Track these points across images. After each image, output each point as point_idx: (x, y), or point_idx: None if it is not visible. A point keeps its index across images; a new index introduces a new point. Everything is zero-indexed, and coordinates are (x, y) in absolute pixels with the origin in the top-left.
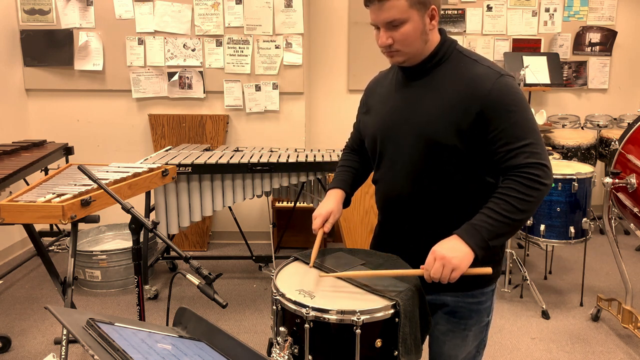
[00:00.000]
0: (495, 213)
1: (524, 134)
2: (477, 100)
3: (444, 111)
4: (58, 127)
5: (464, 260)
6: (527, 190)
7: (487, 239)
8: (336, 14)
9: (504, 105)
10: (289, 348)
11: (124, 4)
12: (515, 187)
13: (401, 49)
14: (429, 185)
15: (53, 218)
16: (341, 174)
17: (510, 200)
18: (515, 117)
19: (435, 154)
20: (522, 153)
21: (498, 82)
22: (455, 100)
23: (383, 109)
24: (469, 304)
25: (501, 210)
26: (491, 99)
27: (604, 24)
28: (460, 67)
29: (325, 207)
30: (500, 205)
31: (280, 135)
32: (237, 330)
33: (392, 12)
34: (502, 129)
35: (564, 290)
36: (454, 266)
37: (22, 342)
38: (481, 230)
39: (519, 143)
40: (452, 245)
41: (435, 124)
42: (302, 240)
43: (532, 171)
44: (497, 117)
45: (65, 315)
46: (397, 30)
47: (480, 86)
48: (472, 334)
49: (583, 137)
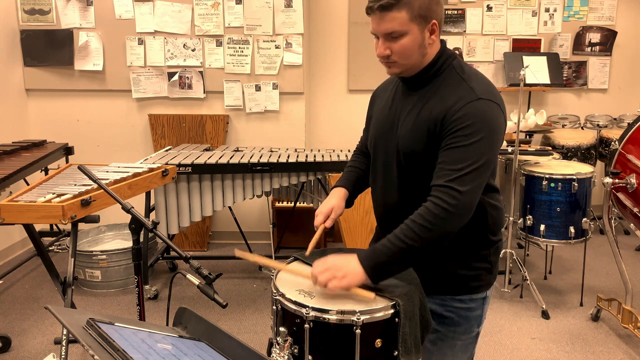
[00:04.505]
0: (397, 239)
1: (464, 159)
2: (446, 115)
3: (423, 123)
4: (58, 127)
5: (351, 275)
6: (430, 216)
7: (381, 263)
8: (336, 14)
9: (462, 127)
10: (289, 348)
11: (124, 4)
12: (421, 213)
13: (398, 61)
14: (413, 193)
15: (53, 218)
16: (347, 174)
17: (414, 228)
18: (466, 141)
19: (413, 163)
20: (446, 175)
21: (470, 105)
22: (434, 113)
23: (381, 116)
24: (457, 309)
25: (403, 236)
26: (455, 117)
27: (604, 24)
28: (448, 84)
29: (327, 204)
30: (405, 231)
31: (280, 135)
32: (237, 330)
33: (393, 24)
34: (449, 147)
35: (564, 290)
36: (339, 277)
37: (22, 342)
38: (378, 255)
39: (452, 165)
40: (347, 259)
41: (414, 135)
42: (302, 240)
43: (441, 196)
44: (450, 135)
45: (65, 315)
46: (395, 42)
47: (453, 104)
48: (461, 344)
49: (583, 137)
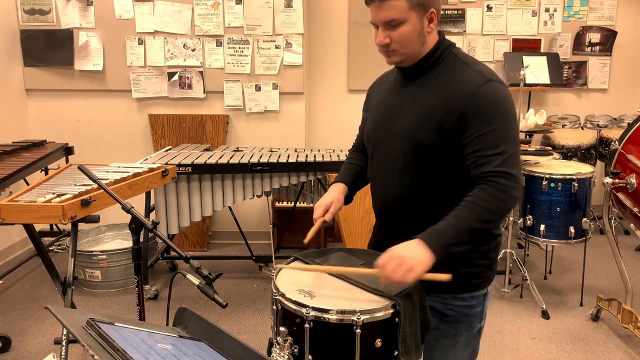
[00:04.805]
0: (459, 220)
1: (500, 142)
2: (460, 103)
3: (429, 112)
4: (58, 127)
5: (421, 263)
6: (493, 200)
7: (448, 245)
8: (336, 14)
9: (485, 111)
10: (289, 348)
11: (124, 4)
12: (482, 196)
13: (398, 49)
14: (417, 185)
15: (53, 218)
16: (345, 170)
17: (475, 209)
18: (494, 124)
19: (419, 154)
20: (493, 161)
21: (484, 86)
22: (441, 101)
23: (380, 108)
24: (458, 307)
25: (465, 218)
26: (473, 103)
27: (604, 24)
28: (451, 70)
29: (326, 197)
30: (466, 213)
31: (280, 135)
32: (237, 330)
33: (392, 12)
34: (479, 134)
35: (564, 290)
36: (409, 267)
37: (22, 342)
38: (443, 236)
39: (492, 150)
40: (411, 247)
41: (420, 125)
42: (302, 240)
43: (501, 180)
44: (475, 122)
45: (65, 315)
46: (395, 30)
47: (465, 89)
48: (463, 340)
49: (583, 137)
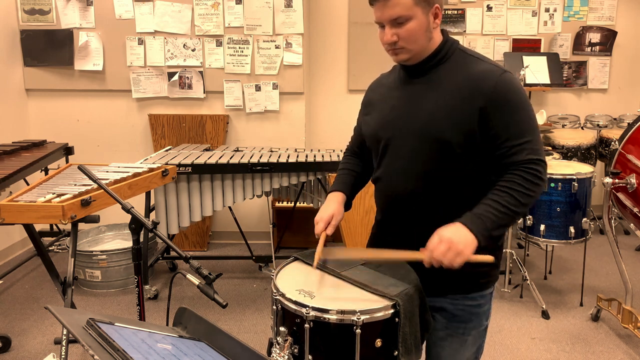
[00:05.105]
0: (498, 204)
1: (526, 131)
2: (481, 96)
3: (448, 109)
4: (58, 127)
5: (468, 246)
6: (529, 185)
7: (490, 229)
8: (336, 14)
9: (507, 102)
10: (289, 348)
11: (124, 4)
12: (518, 182)
13: (406, 46)
14: (431, 183)
15: (53, 218)
16: (341, 177)
17: (513, 194)
18: (517, 114)
19: (438, 152)
20: (523, 150)
21: (501, 78)
22: (459, 97)
23: (384, 107)
24: (468, 307)
25: (504, 202)
26: (495, 95)
27: (604, 24)
28: (463, 65)
29: (327, 210)
30: (504, 197)
31: (280, 135)
32: (237, 330)
33: (397, 9)
34: (505, 125)
35: (564, 290)
36: (458, 251)
37: (22, 342)
38: (485, 220)
39: (520, 140)
40: (459, 231)
41: (440, 123)
42: (302, 240)
43: (534, 167)
44: (500, 113)
45: (65, 315)
46: (402, 27)
47: (484, 82)
48: (471, 338)
49: (583, 137)
